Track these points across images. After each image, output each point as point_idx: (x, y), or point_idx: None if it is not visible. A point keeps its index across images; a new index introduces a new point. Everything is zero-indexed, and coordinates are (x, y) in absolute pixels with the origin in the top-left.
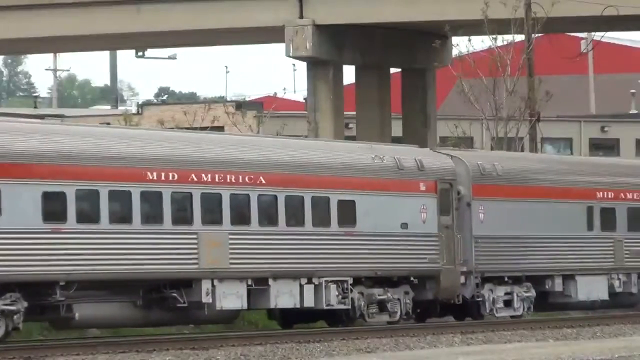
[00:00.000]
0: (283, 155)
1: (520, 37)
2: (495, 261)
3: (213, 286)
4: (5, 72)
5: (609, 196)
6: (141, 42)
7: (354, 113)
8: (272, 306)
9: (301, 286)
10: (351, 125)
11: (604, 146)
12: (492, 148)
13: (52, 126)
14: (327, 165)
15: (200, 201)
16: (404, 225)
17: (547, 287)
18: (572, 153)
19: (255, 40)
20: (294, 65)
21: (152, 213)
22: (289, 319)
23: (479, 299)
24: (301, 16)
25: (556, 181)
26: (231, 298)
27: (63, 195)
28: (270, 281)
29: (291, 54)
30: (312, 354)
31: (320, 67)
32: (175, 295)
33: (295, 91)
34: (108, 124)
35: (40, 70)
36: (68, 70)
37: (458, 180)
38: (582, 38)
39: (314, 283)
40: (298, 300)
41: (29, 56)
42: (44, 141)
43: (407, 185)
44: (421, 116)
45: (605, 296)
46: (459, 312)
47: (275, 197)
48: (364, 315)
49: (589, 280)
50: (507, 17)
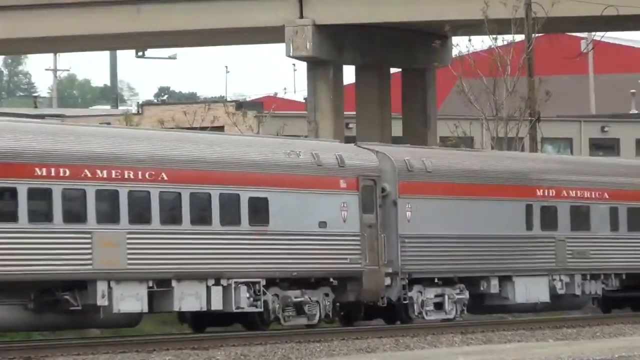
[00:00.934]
0: (187, 150)
1: (520, 37)
2: (423, 262)
3: (110, 288)
4: (5, 72)
5: (550, 194)
6: (141, 42)
7: (354, 113)
8: (176, 309)
9: (208, 288)
10: (351, 125)
11: (604, 146)
12: (492, 148)
13: None
14: (237, 161)
15: (94, 198)
16: (323, 224)
17: (482, 289)
18: (572, 153)
19: (255, 40)
20: (294, 65)
21: (41, 211)
22: (201, 323)
23: (406, 302)
24: (301, 16)
25: (492, 178)
26: (130, 301)
27: None
28: (173, 283)
29: (291, 54)
30: (312, 354)
31: (320, 67)
32: (68, 297)
33: (295, 91)
34: (108, 124)
35: (40, 70)
36: (68, 70)
37: (383, 177)
38: (582, 38)
39: (223, 284)
40: (205, 302)
41: (29, 56)
42: None
43: (326, 182)
44: (421, 116)
45: (546, 298)
46: (389, 315)
47: (178, 195)
48: (279, 318)
49: (528, 281)
50: (507, 17)
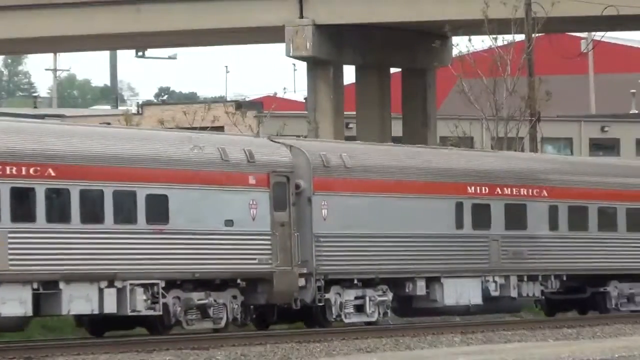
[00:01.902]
0: (76, 144)
1: (520, 37)
2: (341, 262)
3: None
4: (5, 72)
5: (483, 191)
6: (141, 42)
7: (354, 113)
8: (65, 312)
9: (101, 290)
10: (351, 125)
11: (604, 146)
12: (492, 148)
13: None
14: (133, 156)
15: None
16: (229, 222)
17: (408, 291)
18: (572, 153)
19: (255, 40)
20: (294, 65)
21: None
22: (99, 327)
23: (322, 304)
24: (301, 16)
25: (419, 175)
26: (12, 304)
27: None
28: (61, 285)
29: (291, 54)
30: (312, 354)
31: (320, 67)
32: None
33: (295, 91)
34: (108, 124)
35: (40, 70)
36: (68, 70)
37: (297, 172)
38: (582, 38)
39: (117, 286)
40: (97, 305)
41: (29, 56)
42: None
43: (233, 178)
44: (421, 116)
45: (478, 300)
46: (309, 318)
47: (67, 191)
48: (181, 322)
49: (459, 283)
50: (507, 17)
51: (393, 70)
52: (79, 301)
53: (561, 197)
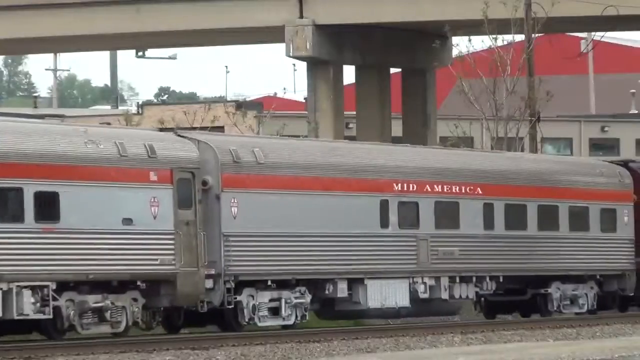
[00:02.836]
0: None
1: (520, 37)
2: (253, 262)
3: None
4: (5, 72)
5: (411, 189)
6: (141, 42)
7: (354, 113)
8: None
9: None
10: (351, 125)
11: (604, 146)
12: (492, 148)
13: None
14: (18, 151)
15: None
16: (127, 220)
17: (328, 293)
18: (572, 153)
19: (255, 40)
20: (294, 65)
21: None
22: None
23: (231, 306)
24: (301, 16)
25: (339, 171)
26: None
27: None
28: None
29: (291, 54)
30: (312, 354)
31: (320, 67)
32: None
33: (295, 91)
34: (109, 124)
35: (40, 70)
36: (68, 70)
37: (205, 168)
38: (582, 38)
39: (2, 288)
40: None
41: (29, 56)
42: None
43: (132, 174)
44: (421, 116)
45: (406, 303)
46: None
47: None
48: (75, 326)
49: (384, 284)
50: (507, 17)
51: (393, 70)
52: None
53: (497, 195)
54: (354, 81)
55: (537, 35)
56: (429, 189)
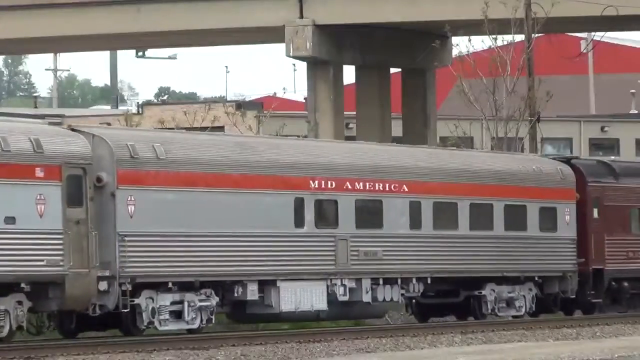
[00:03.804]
0: None
1: (520, 37)
2: (152, 264)
3: None
4: (5, 72)
5: (329, 186)
6: (141, 42)
7: (354, 113)
8: None
9: None
10: (351, 125)
11: (604, 146)
12: (492, 148)
13: None
14: None
15: None
16: (10, 219)
17: (237, 295)
18: (572, 153)
19: (255, 40)
20: (294, 65)
21: None
22: None
23: (127, 310)
24: (301, 16)
25: (248, 168)
26: None
27: None
28: None
29: (291, 54)
30: (312, 354)
31: (320, 67)
32: None
33: (295, 91)
34: (108, 124)
35: (40, 70)
36: (68, 70)
37: (99, 164)
38: (582, 38)
39: None
40: None
41: (29, 56)
42: None
43: (15, 170)
44: (421, 116)
45: (323, 306)
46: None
47: None
48: None
49: (299, 287)
50: (507, 17)
51: (393, 70)
52: None
53: (425, 193)
54: (354, 81)
55: (537, 35)
56: (350, 187)
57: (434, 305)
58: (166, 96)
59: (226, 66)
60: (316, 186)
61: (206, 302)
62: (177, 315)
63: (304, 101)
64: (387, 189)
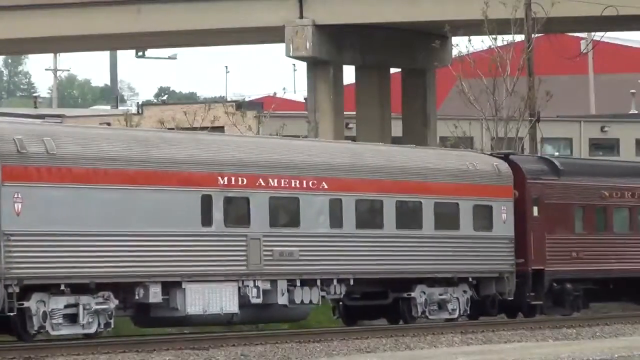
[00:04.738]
0: None
1: (520, 37)
2: (42, 265)
3: None
4: (5, 72)
5: (240, 183)
6: (141, 42)
7: (354, 113)
8: None
9: None
10: (351, 125)
11: (604, 146)
12: (492, 148)
13: None
14: None
15: None
16: None
17: (139, 298)
18: (572, 153)
19: (255, 40)
20: (294, 65)
21: None
22: None
23: (13, 313)
24: (301, 16)
25: (148, 163)
26: None
27: None
28: None
29: (291, 54)
30: (312, 354)
31: (320, 67)
32: None
33: (295, 91)
34: (108, 124)
35: (40, 70)
36: (68, 70)
37: None
38: (582, 38)
39: None
40: None
41: (29, 56)
42: None
43: None
44: (421, 116)
45: (234, 309)
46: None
47: None
48: None
49: (207, 289)
50: (507, 17)
51: (393, 70)
52: None
53: (347, 190)
54: (354, 81)
55: (537, 35)
56: (263, 183)
57: (362, 307)
58: (166, 96)
59: (226, 66)
60: (225, 183)
61: (103, 305)
62: (72, 319)
63: (304, 101)
64: (305, 186)
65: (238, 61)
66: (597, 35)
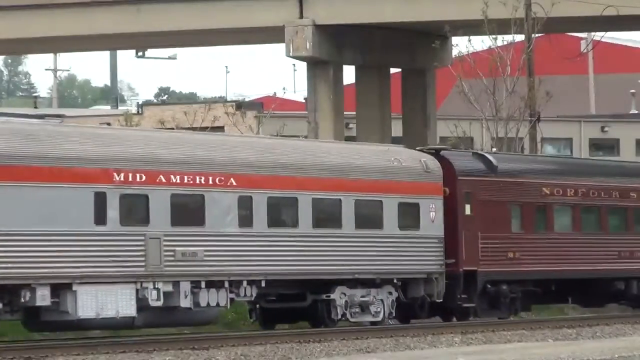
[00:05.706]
0: None
1: (520, 37)
2: None
3: None
4: (5, 72)
5: (139, 179)
6: (141, 42)
7: (354, 113)
8: None
9: None
10: (351, 125)
11: (604, 146)
12: (492, 148)
13: None
14: None
15: None
16: None
17: (25, 301)
18: (572, 153)
19: (255, 40)
20: (294, 65)
21: None
22: None
23: None
24: (301, 16)
25: (32, 159)
26: None
27: None
28: None
29: (291, 54)
30: (312, 354)
31: (320, 67)
32: None
33: (295, 91)
34: (108, 124)
35: (40, 70)
36: (68, 70)
37: None
38: (582, 38)
39: None
40: None
41: (29, 56)
42: None
43: None
44: (421, 116)
45: (131, 312)
46: None
47: None
48: None
49: (100, 291)
50: (507, 17)
51: (393, 70)
52: None
53: (258, 187)
54: (354, 81)
55: (537, 35)
56: (164, 180)
57: (280, 310)
58: (166, 96)
59: (226, 66)
60: (122, 179)
61: None
62: None
63: (304, 101)
64: (211, 183)
65: (238, 61)
66: (597, 35)
